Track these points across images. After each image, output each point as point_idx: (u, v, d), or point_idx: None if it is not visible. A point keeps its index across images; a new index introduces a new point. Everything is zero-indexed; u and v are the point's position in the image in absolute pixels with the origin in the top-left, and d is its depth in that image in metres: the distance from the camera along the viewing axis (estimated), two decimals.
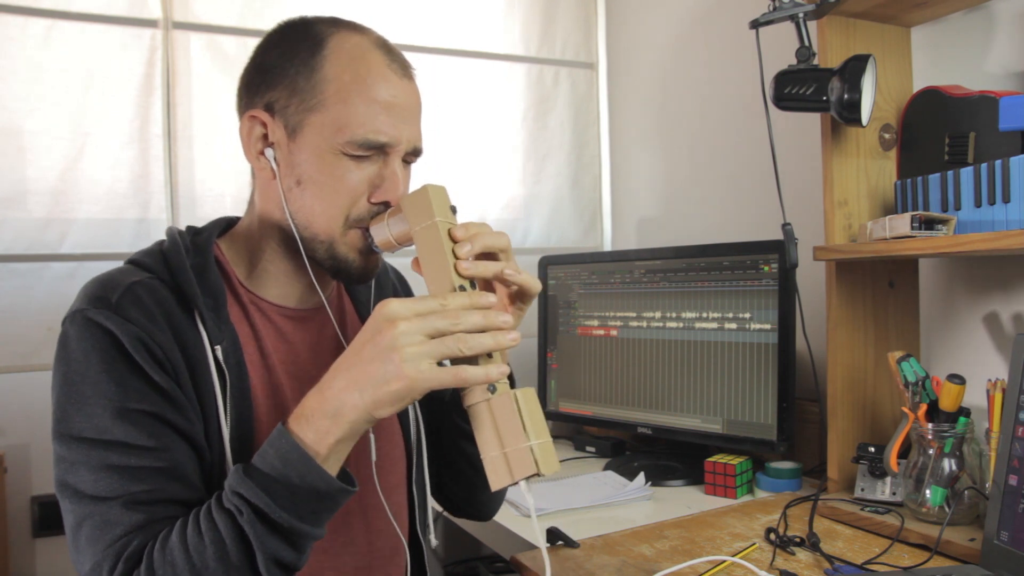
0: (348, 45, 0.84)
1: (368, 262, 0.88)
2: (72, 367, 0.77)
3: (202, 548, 0.70)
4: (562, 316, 1.77)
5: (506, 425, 0.72)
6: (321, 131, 0.82)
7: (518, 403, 0.72)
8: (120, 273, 0.82)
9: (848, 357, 1.25)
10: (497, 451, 0.72)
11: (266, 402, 0.86)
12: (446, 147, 2.02)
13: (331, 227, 0.84)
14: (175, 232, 0.88)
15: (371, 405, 0.70)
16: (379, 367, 0.69)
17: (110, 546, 0.73)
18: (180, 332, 0.80)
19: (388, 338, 0.69)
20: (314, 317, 0.94)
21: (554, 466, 0.73)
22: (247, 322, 0.88)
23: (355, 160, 0.83)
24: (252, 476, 0.71)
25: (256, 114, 0.85)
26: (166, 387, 0.78)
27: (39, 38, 1.59)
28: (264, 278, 0.90)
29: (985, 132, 1.09)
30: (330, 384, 0.72)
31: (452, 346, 0.70)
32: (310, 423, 0.72)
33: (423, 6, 1.99)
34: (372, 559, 0.94)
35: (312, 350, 0.92)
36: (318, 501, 0.72)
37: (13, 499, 1.57)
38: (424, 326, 0.70)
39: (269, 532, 0.71)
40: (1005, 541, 0.93)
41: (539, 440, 0.72)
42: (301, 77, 0.83)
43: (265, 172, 0.86)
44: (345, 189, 0.83)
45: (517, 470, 0.71)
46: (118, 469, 0.74)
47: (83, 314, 0.78)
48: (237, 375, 0.83)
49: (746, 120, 1.72)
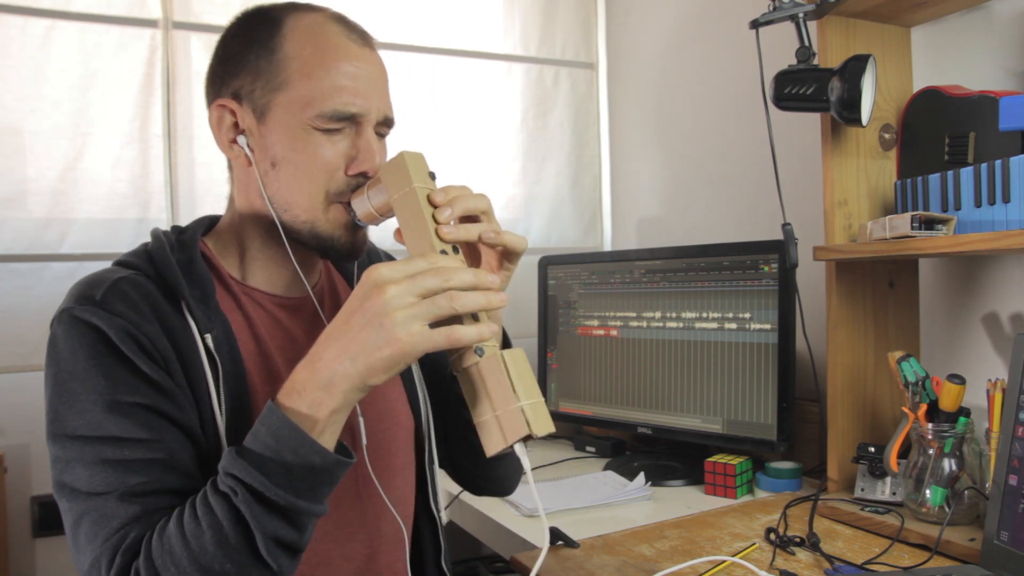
0: (305, 22, 0.85)
1: (355, 237, 0.87)
2: (61, 366, 0.77)
3: (200, 533, 0.69)
4: (562, 316, 1.77)
5: (496, 387, 0.70)
6: (289, 108, 0.83)
7: (506, 364, 0.71)
8: (105, 272, 0.83)
9: (848, 357, 1.25)
10: (489, 415, 0.71)
11: (264, 389, 0.85)
12: (446, 147, 2.02)
13: (311, 205, 0.84)
14: (159, 231, 0.88)
15: (364, 373, 0.69)
16: (370, 333, 0.68)
17: (107, 539, 0.72)
18: (167, 322, 0.80)
19: (378, 303, 0.68)
20: (308, 304, 0.94)
21: (548, 426, 0.71)
22: (240, 312, 0.88)
23: (327, 134, 0.83)
24: (245, 456, 0.70)
25: (224, 103, 0.85)
26: (156, 378, 0.77)
27: (39, 38, 1.59)
28: (253, 268, 0.91)
29: (985, 132, 1.09)
30: (320, 354, 0.71)
31: (444, 304, 0.69)
32: (302, 396, 0.71)
33: (423, 6, 1.99)
34: (380, 543, 0.94)
35: (309, 336, 0.91)
36: (315, 476, 0.71)
37: (13, 499, 1.57)
38: (414, 287, 0.69)
39: (266, 511, 0.69)
40: (1005, 541, 0.93)
41: (530, 400, 0.70)
42: (263, 60, 0.84)
43: (240, 160, 0.87)
44: (320, 164, 0.83)
45: (510, 432, 0.70)
46: (113, 463, 0.74)
47: (69, 312, 0.78)
48: (231, 362, 0.82)
49: (746, 120, 1.72)
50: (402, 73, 1.96)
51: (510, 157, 2.12)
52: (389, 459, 0.95)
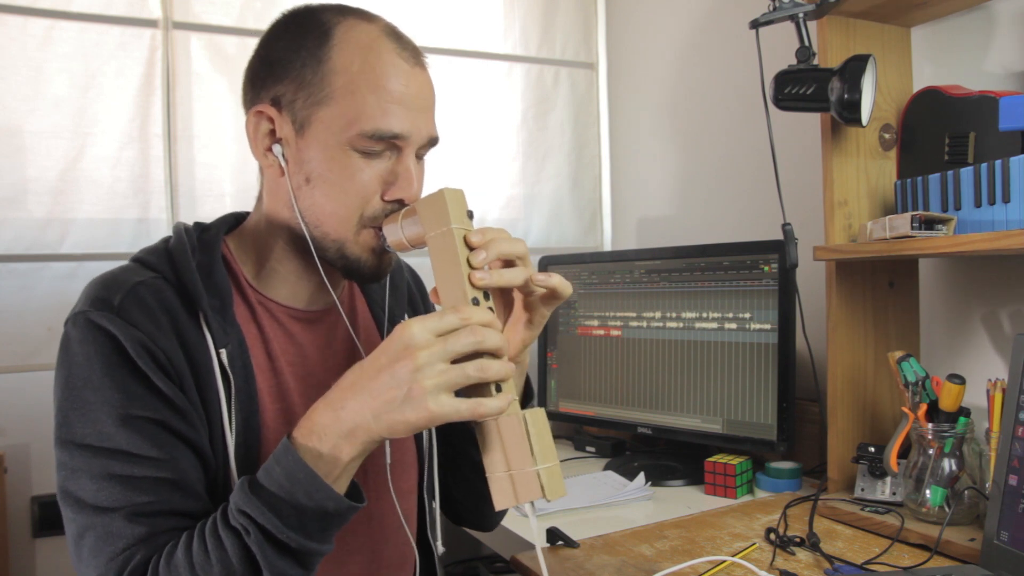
0: (356, 33, 0.81)
1: (381, 261, 0.85)
2: (74, 371, 0.75)
3: (208, 567, 0.69)
4: (562, 316, 1.77)
5: (513, 446, 0.70)
6: (330, 126, 0.79)
7: (527, 425, 0.70)
8: (123, 272, 0.80)
9: (848, 357, 1.25)
10: (503, 471, 0.71)
11: (272, 406, 0.84)
12: (446, 147, 1.98)
13: (343, 227, 0.82)
14: (182, 229, 0.85)
15: (386, 431, 0.69)
16: (397, 395, 0.67)
17: (113, 559, 0.71)
18: (184, 335, 0.78)
19: (408, 367, 0.67)
20: (324, 319, 0.92)
21: (560, 491, 0.72)
22: (254, 323, 0.86)
23: (366, 156, 0.80)
24: (258, 494, 0.69)
25: (263, 109, 0.82)
26: (170, 394, 0.76)
27: (39, 38, 1.59)
28: (272, 278, 0.88)
29: (985, 132, 1.09)
30: (343, 404, 0.70)
31: (473, 375, 0.68)
32: (322, 440, 0.70)
33: (423, 6, 1.99)
34: (379, 567, 0.93)
35: (322, 352, 0.90)
36: (327, 519, 0.71)
37: (13, 499, 1.57)
38: (445, 352, 0.68)
39: (277, 553, 0.69)
40: (1005, 541, 0.93)
41: (546, 464, 0.71)
42: (308, 69, 0.80)
43: (273, 169, 0.84)
44: (357, 187, 0.80)
45: (522, 493, 0.70)
46: (120, 479, 0.73)
47: (85, 316, 0.76)
48: (243, 378, 0.81)
49: (746, 120, 1.72)
50: None
51: (510, 157, 2.12)
52: (397, 482, 0.95)
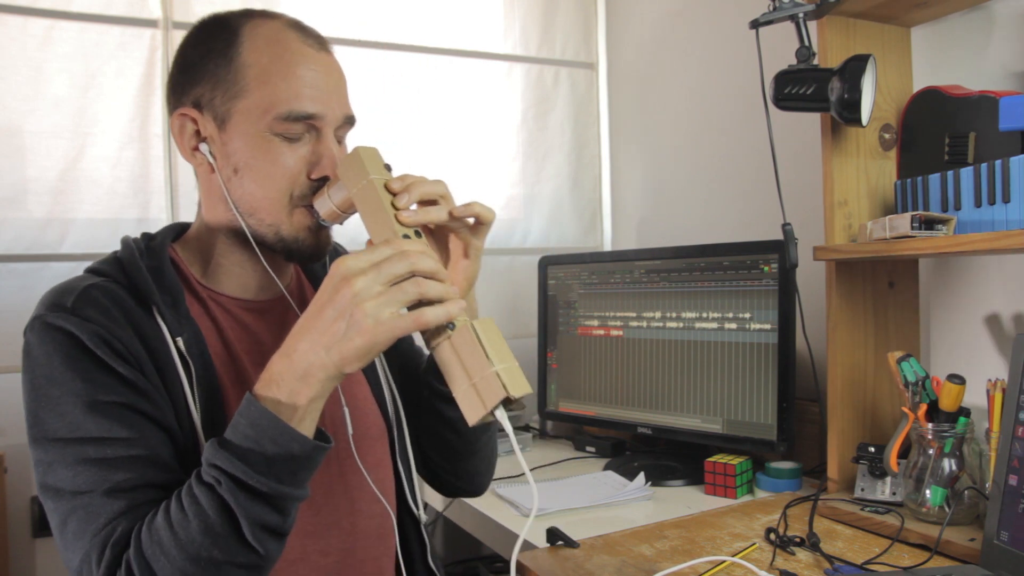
0: (262, 30, 0.87)
1: (319, 238, 0.89)
2: (37, 372, 0.78)
3: (186, 523, 0.71)
4: (562, 316, 1.77)
5: (469, 356, 0.72)
6: (248, 116, 0.84)
7: (477, 333, 0.72)
8: (76, 280, 0.84)
9: (848, 357, 1.25)
10: (465, 384, 0.72)
11: (234, 391, 0.87)
12: (446, 147, 2.02)
13: (275, 209, 0.86)
14: (129, 239, 0.90)
15: (339, 362, 0.71)
16: (342, 324, 0.70)
17: (96, 534, 0.73)
18: (139, 327, 0.81)
19: (348, 295, 0.70)
20: (275, 307, 0.95)
21: (524, 387, 0.73)
22: (208, 317, 0.90)
23: (287, 141, 0.85)
24: (226, 447, 0.72)
25: (185, 112, 0.87)
26: (132, 378, 0.78)
27: (39, 38, 1.59)
28: (220, 273, 0.92)
29: (985, 132, 1.09)
30: (295, 347, 0.73)
31: (411, 291, 0.72)
32: (280, 386, 0.72)
33: (423, 6, 1.99)
34: (357, 540, 0.95)
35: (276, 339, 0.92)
36: (295, 463, 0.73)
37: (13, 499, 1.57)
38: (380, 275, 0.71)
39: (250, 499, 0.71)
40: (1005, 541, 0.93)
41: (504, 364, 0.72)
42: (221, 68, 0.85)
43: (203, 167, 0.89)
44: (282, 170, 0.85)
45: (488, 398, 0.71)
46: (95, 462, 0.75)
47: (41, 320, 0.79)
48: (202, 366, 0.84)
49: (746, 120, 1.72)
50: (402, 73, 1.96)
51: (510, 157, 2.12)
52: (364, 455, 0.96)
